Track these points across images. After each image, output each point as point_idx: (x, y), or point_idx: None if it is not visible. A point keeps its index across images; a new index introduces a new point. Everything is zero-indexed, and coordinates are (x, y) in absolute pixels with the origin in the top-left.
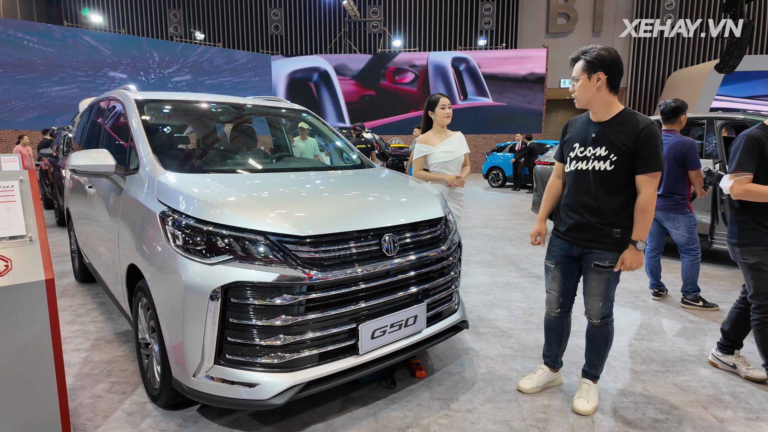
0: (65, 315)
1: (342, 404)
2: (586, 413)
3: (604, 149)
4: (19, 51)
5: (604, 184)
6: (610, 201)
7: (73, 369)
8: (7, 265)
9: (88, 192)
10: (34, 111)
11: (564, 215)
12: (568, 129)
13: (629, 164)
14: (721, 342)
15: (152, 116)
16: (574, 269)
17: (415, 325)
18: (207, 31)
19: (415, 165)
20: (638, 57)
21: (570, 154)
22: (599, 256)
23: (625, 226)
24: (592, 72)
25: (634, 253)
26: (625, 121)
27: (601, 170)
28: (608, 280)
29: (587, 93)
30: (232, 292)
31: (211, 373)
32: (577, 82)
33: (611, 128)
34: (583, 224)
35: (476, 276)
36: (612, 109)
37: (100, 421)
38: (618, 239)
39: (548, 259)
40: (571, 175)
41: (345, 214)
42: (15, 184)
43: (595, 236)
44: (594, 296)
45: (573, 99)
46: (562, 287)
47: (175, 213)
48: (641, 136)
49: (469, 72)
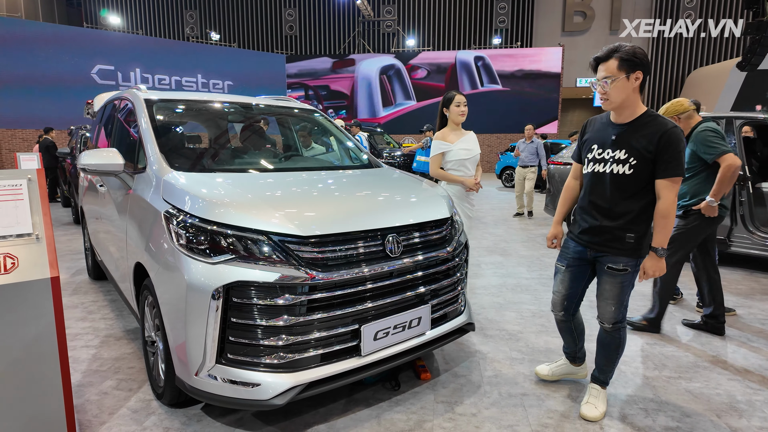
0: (77, 312)
1: (345, 405)
2: (593, 419)
3: (624, 152)
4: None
5: (621, 188)
6: (625, 205)
7: (81, 365)
8: (14, 262)
9: (99, 190)
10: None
11: (578, 217)
12: (587, 129)
13: (649, 169)
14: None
15: (161, 116)
16: (585, 272)
17: (419, 326)
18: (222, 31)
19: (433, 162)
20: (658, 55)
21: (588, 155)
22: (613, 260)
23: (638, 232)
24: (631, 71)
25: (656, 261)
26: (648, 124)
27: (618, 174)
28: (622, 284)
29: (623, 93)
30: (233, 292)
31: (213, 372)
32: (611, 82)
33: (633, 131)
34: (596, 228)
35: (486, 277)
36: (636, 110)
37: (105, 417)
38: (631, 245)
39: (559, 261)
40: (587, 177)
41: (348, 214)
42: (23, 183)
43: (607, 240)
44: (607, 300)
45: (590, 98)
46: (569, 290)
47: (179, 212)
48: (663, 139)
49: (485, 68)
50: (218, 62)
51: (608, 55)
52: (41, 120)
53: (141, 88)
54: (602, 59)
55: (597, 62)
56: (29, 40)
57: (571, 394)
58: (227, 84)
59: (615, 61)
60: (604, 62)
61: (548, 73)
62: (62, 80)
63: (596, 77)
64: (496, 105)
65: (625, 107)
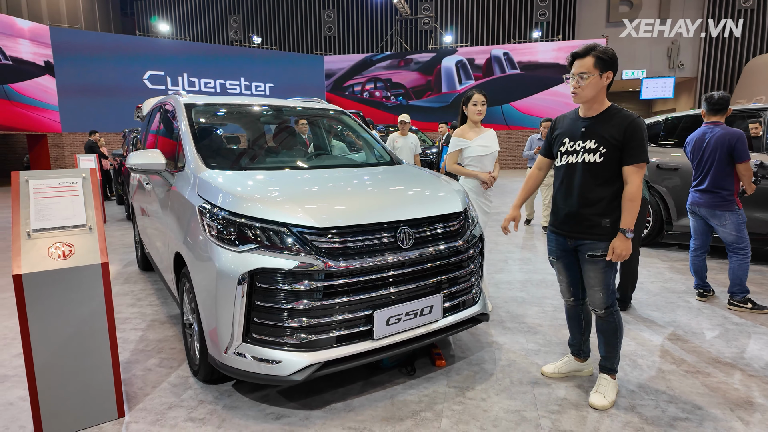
0: (127, 299)
1: (362, 387)
2: (601, 408)
3: (594, 142)
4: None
5: (594, 176)
6: (599, 192)
7: (130, 345)
8: (71, 249)
9: (146, 188)
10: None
11: (556, 208)
12: (557, 126)
13: (617, 156)
14: None
15: (198, 119)
16: (574, 261)
17: (431, 314)
18: (264, 35)
19: (450, 158)
20: (711, 44)
21: (560, 149)
22: (591, 247)
23: (613, 217)
24: (604, 70)
25: (623, 241)
26: (614, 115)
27: (590, 162)
28: (604, 270)
29: (594, 89)
30: (257, 277)
31: (240, 350)
32: (585, 78)
33: (600, 123)
34: (574, 215)
35: (512, 273)
36: (603, 105)
37: (149, 390)
38: (607, 229)
39: (550, 254)
40: (561, 170)
41: (363, 208)
42: (79, 181)
43: (586, 227)
44: (594, 287)
45: (636, 91)
46: (569, 278)
47: (212, 206)
48: (629, 129)
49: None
50: (260, 65)
51: (586, 52)
52: (100, 124)
53: (182, 93)
54: (580, 55)
55: (574, 58)
56: (90, 49)
57: (582, 384)
58: (269, 86)
59: (591, 58)
60: (581, 58)
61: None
62: (118, 86)
63: (572, 71)
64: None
65: (594, 102)
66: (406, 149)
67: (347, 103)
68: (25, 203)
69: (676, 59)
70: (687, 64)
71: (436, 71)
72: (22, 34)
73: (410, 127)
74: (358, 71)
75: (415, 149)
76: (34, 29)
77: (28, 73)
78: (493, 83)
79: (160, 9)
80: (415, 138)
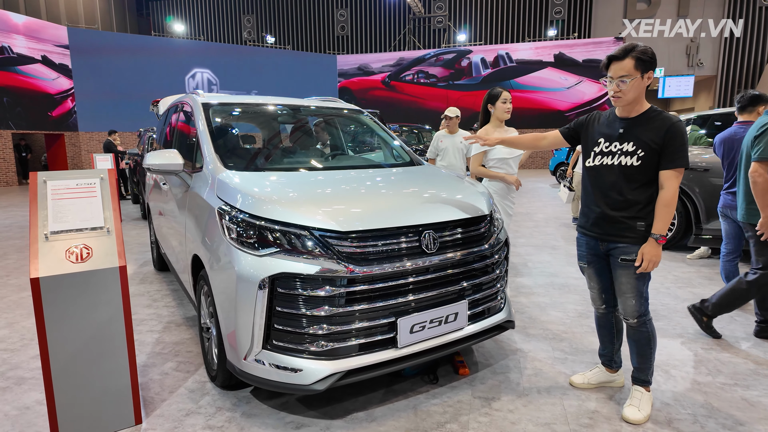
0: (143, 299)
1: (384, 395)
2: (636, 422)
3: (632, 145)
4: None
5: (629, 179)
6: (634, 195)
7: (146, 348)
8: (89, 252)
9: (162, 188)
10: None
11: (588, 210)
12: (591, 123)
13: (656, 160)
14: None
15: (216, 118)
16: (606, 267)
17: (456, 322)
18: (277, 34)
19: (474, 160)
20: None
21: (594, 149)
22: (625, 250)
23: (649, 220)
24: (645, 71)
25: (654, 247)
26: (654, 118)
27: (627, 165)
28: (637, 275)
29: (636, 91)
30: (278, 282)
31: (260, 357)
32: (626, 82)
33: (640, 125)
34: (607, 217)
35: (533, 276)
36: (643, 106)
37: (166, 395)
38: (642, 232)
39: (580, 260)
40: (594, 170)
41: (386, 211)
42: (96, 182)
43: (619, 230)
44: (626, 294)
45: (654, 90)
46: (601, 284)
47: (231, 208)
48: (669, 132)
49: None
50: (274, 64)
51: (624, 53)
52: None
53: (199, 92)
54: (618, 58)
55: (610, 60)
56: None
57: (614, 396)
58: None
59: (631, 60)
60: (619, 61)
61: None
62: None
63: (609, 75)
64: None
65: (635, 104)
66: (452, 151)
67: (408, 86)
68: (43, 204)
69: (695, 57)
70: (707, 63)
71: (464, 61)
72: (17, 29)
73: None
74: (408, 67)
75: (467, 150)
76: (28, 24)
77: (30, 60)
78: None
79: (175, 9)
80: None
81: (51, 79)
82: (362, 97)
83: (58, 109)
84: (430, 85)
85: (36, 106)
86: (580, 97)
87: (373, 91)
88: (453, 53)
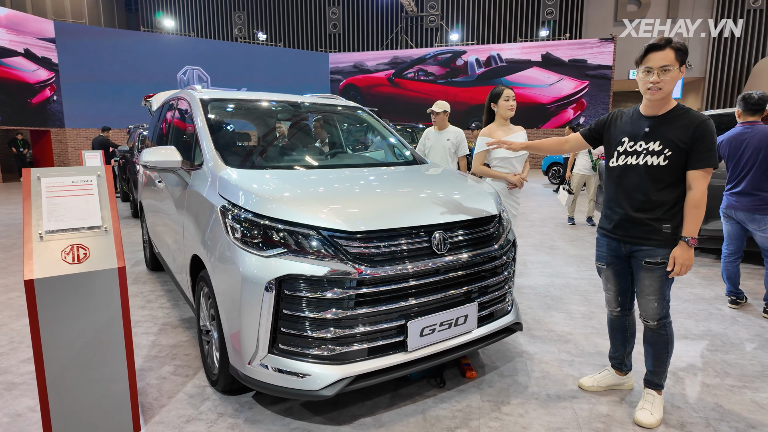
0: (137, 300)
1: (391, 400)
2: (649, 426)
3: (658, 144)
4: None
5: (655, 180)
6: (660, 196)
7: (142, 351)
8: (86, 253)
9: (158, 186)
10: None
11: (610, 211)
12: (612, 122)
13: (683, 160)
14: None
15: (215, 114)
16: (626, 269)
17: (466, 324)
18: (269, 31)
19: (476, 159)
20: (719, 45)
21: (618, 148)
22: (649, 253)
23: (675, 222)
24: (681, 64)
25: (685, 250)
26: (681, 116)
27: (653, 165)
28: (661, 278)
29: (673, 83)
30: (285, 284)
31: (265, 362)
32: (667, 72)
33: (666, 123)
34: (631, 219)
35: (533, 276)
36: (671, 103)
37: (165, 401)
38: (668, 235)
39: (598, 261)
40: (618, 170)
41: (395, 210)
42: (93, 179)
43: (644, 232)
44: (648, 296)
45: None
46: (618, 286)
47: (234, 207)
48: (698, 131)
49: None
50: (265, 62)
51: (665, 44)
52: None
53: (196, 88)
54: (660, 47)
55: (649, 50)
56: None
57: (625, 398)
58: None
59: (671, 51)
60: (660, 50)
61: (601, 65)
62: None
63: (648, 65)
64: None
65: (667, 99)
66: (438, 149)
67: (411, 83)
68: (37, 202)
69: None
70: (695, 65)
71: (460, 60)
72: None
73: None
74: (411, 65)
75: (455, 149)
76: (10, 16)
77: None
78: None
79: (165, 4)
80: (458, 133)
81: (31, 71)
82: (368, 93)
83: (37, 96)
84: (430, 81)
85: (17, 95)
86: (559, 92)
87: (378, 88)
88: (449, 53)
